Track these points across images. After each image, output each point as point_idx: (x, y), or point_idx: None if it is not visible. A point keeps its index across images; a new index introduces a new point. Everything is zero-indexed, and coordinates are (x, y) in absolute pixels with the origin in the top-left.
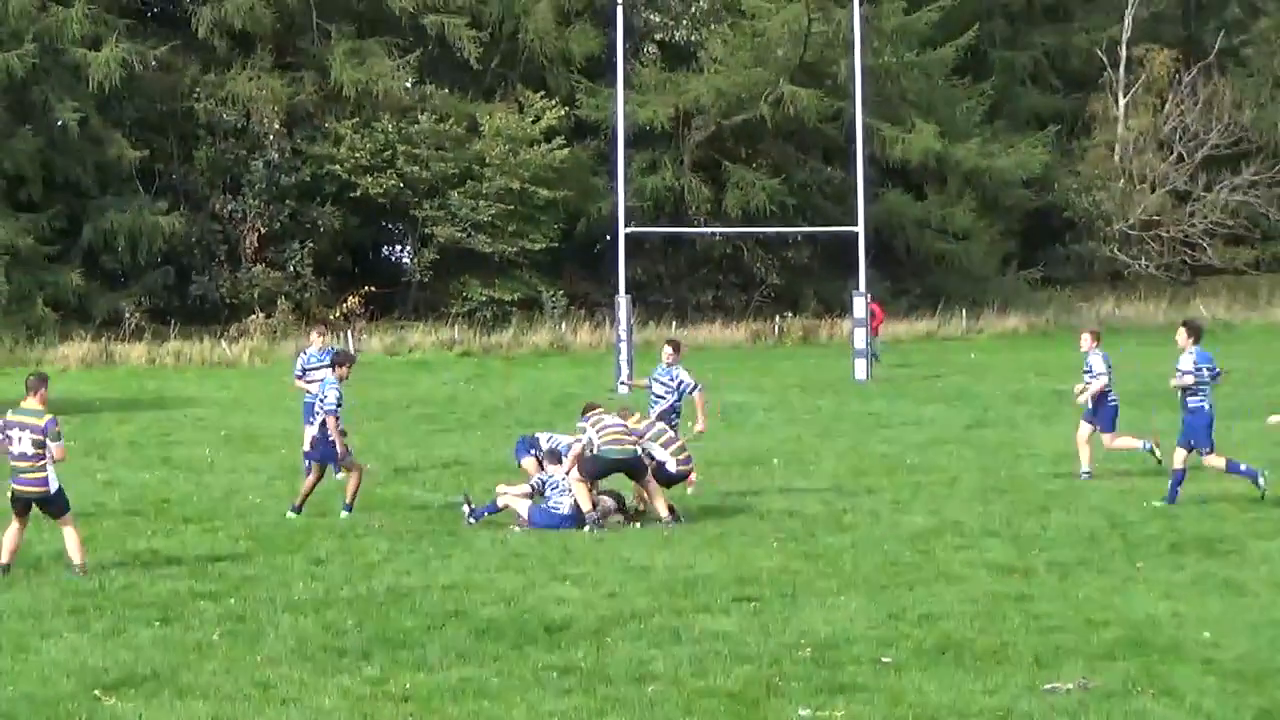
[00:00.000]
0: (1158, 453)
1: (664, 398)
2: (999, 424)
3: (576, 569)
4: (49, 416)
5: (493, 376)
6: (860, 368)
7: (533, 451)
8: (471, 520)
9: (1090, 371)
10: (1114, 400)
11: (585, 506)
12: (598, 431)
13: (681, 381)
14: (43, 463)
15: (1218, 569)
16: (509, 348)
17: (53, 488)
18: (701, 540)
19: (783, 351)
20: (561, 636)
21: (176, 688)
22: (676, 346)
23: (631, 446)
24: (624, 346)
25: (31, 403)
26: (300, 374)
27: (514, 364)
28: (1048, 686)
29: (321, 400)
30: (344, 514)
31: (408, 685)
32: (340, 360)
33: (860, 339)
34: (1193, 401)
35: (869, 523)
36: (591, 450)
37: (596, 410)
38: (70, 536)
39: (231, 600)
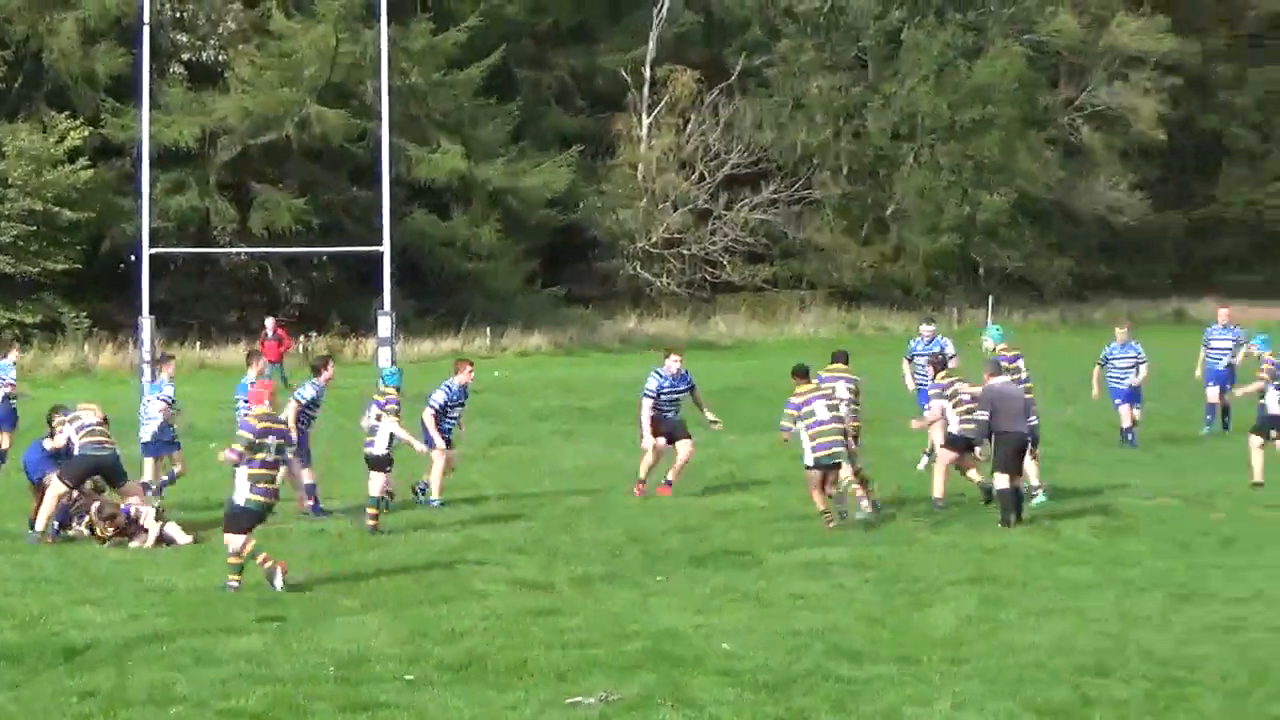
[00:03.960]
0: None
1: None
2: (523, 441)
3: (99, 591)
4: None
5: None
6: None
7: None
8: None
9: None
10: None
11: (46, 512)
12: (76, 430)
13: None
14: None
15: (739, 581)
16: (30, 370)
17: None
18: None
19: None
20: (82, 660)
21: None
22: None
23: (110, 445)
24: (146, 368)
25: None
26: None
27: (34, 386)
28: (571, 700)
29: None
30: None
31: None
32: None
33: (385, 358)
34: None
35: (395, 541)
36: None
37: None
38: None
39: None
